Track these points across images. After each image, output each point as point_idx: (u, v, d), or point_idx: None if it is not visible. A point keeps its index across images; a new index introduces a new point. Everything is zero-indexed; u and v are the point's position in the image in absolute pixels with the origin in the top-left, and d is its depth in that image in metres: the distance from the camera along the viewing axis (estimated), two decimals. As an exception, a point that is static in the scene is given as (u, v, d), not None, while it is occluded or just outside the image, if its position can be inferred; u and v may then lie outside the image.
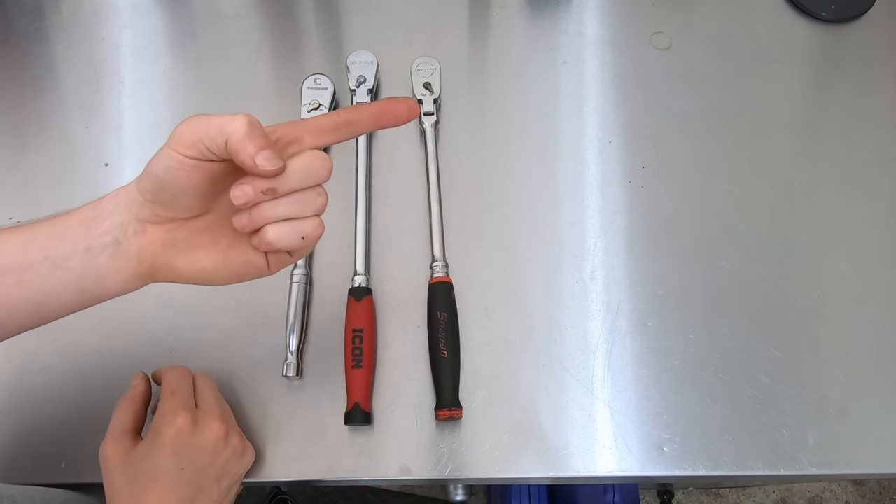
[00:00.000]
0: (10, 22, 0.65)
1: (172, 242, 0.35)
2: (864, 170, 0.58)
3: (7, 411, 0.48)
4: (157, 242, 0.35)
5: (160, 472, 0.39)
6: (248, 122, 0.31)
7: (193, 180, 0.33)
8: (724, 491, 1.25)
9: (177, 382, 0.43)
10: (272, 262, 0.37)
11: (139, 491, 0.38)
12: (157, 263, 0.35)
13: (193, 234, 0.35)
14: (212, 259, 0.35)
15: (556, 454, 0.46)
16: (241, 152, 0.30)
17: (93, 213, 0.34)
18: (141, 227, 0.34)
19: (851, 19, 0.65)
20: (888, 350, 0.51)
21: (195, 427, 0.41)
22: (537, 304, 0.52)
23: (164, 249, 0.35)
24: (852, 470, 0.47)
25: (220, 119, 0.31)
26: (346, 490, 1.04)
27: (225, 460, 0.42)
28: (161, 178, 0.33)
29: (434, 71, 0.58)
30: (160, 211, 0.34)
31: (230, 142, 0.31)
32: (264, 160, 0.31)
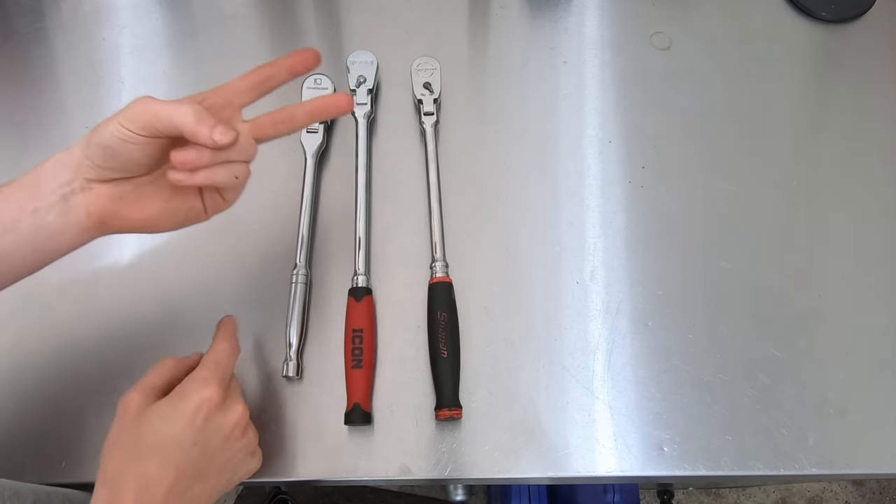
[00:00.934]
0: (10, 22, 0.65)
1: (119, 195, 0.38)
2: (865, 169, 0.58)
3: (7, 411, 0.48)
4: (104, 196, 0.37)
5: (170, 440, 0.37)
6: (193, 110, 0.35)
7: (145, 152, 0.36)
8: (724, 491, 1.25)
9: (223, 354, 0.42)
10: (208, 206, 0.41)
11: (140, 454, 0.36)
12: (106, 215, 0.38)
13: (139, 187, 0.38)
14: (157, 207, 0.39)
15: (556, 454, 0.46)
16: (199, 136, 0.35)
17: (35, 178, 0.37)
18: (87, 184, 0.37)
19: (851, 19, 0.65)
20: (888, 350, 0.51)
21: (222, 405, 0.40)
22: (537, 304, 0.52)
23: (111, 202, 0.38)
24: (852, 470, 0.47)
25: (166, 110, 0.35)
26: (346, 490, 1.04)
27: (234, 451, 0.40)
28: (113, 150, 0.36)
29: (434, 71, 0.58)
30: (108, 174, 0.37)
31: (185, 131, 0.35)
32: (220, 136, 0.35)
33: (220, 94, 0.39)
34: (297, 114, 0.41)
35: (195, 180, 0.36)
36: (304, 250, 0.52)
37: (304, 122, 0.42)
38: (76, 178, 0.37)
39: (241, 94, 0.40)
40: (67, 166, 0.37)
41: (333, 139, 0.59)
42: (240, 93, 0.40)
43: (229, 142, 0.35)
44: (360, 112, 0.57)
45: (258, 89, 0.40)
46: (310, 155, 0.56)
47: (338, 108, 0.43)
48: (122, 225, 0.39)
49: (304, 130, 0.56)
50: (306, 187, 0.54)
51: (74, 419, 0.48)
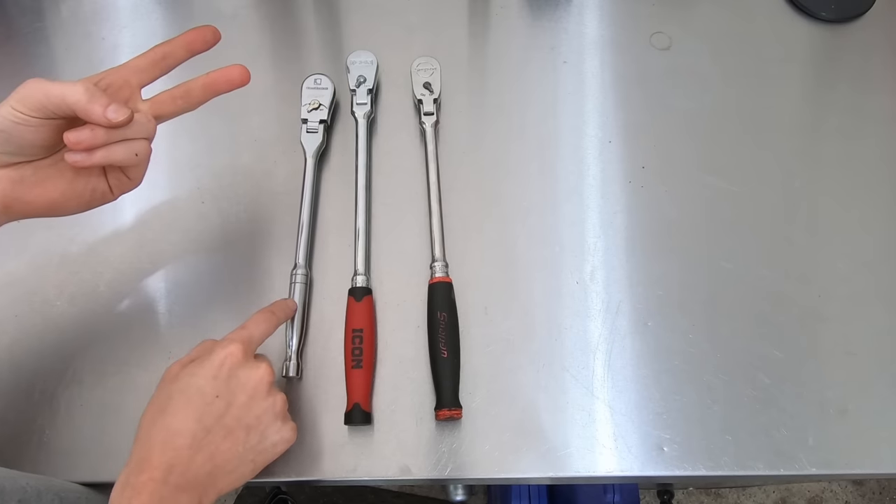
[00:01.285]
0: (10, 22, 0.65)
1: (20, 179, 0.38)
2: (865, 169, 0.58)
3: (7, 411, 0.48)
4: (4, 180, 0.37)
5: (194, 391, 0.38)
6: (85, 88, 0.35)
7: (40, 134, 0.36)
8: (724, 491, 1.25)
9: (253, 324, 0.43)
10: (113, 186, 0.41)
11: (168, 406, 0.38)
12: (8, 200, 0.38)
13: (40, 170, 0.38)
14: (60, 190, 0.39)
15: (556, 454, 0.46)
16: (92, 114, 0.35)
17: None
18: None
19: (851, 19, 0.65)
20: (888, 350, 0.51)
21: (245, 360, 0.40)
22: (537, 304, 0.52)
23: (12, 186, 0.38)
24: (852, 470, 0.47)
25: (57, 89, 0.35)
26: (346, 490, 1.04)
27: (262, 410, 0.40)
28: (7, 133, 0.36)
29: (434, 71, 0.58)
30: (6, 158, 0.37)
31: (77, 110, 0.35)
32: (114, 113, 0.35)
33: (117, 74, 0.39)
34: (193, 88, 0.42)
35: (93, 160, 0.37)
36: (304, 250, 0.52)
37: (201, 97, 0.42)
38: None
39: (139, 72, 0.40)
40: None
41: (333, 139, 0.59)
42: (138, 71, 0.40)
43: (124, 119, 0.36)
44: (360, 112, 0.57)
45: (156, 67, 0.40)
46: (310, 155, 0.56)
47: (230, 81, 0.42)
48: (27, 209, 0.39)
49: (304, 130, 0.56)
50: (306, 187, 0.54)
51: (74, 419, 0.48)
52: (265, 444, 0.40)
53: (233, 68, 0.42)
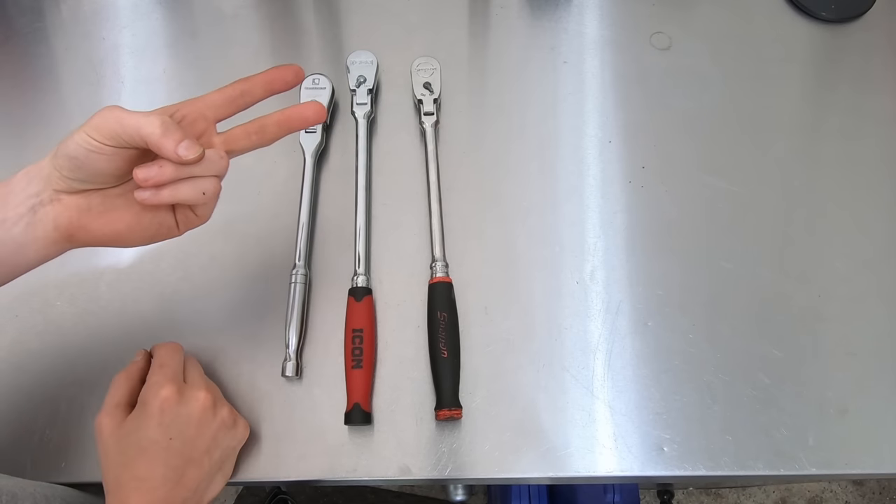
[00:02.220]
0: (10, 22, 0.65)
1: (87, 207, 0.37)
2: (865, 169, 0.58)
3: (7, 410, 0.48)
4: (72, 208, 0.37)
5: (149, 442, 0.40)
6: (161, 122, 0.34)
7: (113, 163, 0.36)
8: (724, 491, 1.25)
9: (167, 356, 0.44)
10: (180, 222, 0.40)
11: (128, 462, 0.39)
12: (73, 227, 0.37)
13: (108, 199, 0.38)
14: (125, 222, 0.38)
15: (556, 454, 0.46)
16: (163, 149, 0.34)
17: (5, 190, 0.36)
18: (56, 195, 0.37)
19: (851, 19, 0.65)
20: (888, 350, 0.51)
21: (181, 398, 0.41)
22: (537, 304, 0.52)
23: (79, 214, 0.37)
24: (852, 470, 0.47)
25: (132, 120, 0.34)
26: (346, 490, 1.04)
27: (214, 431, 0.42)
28: (80, 161, 0.35)
29: (434, 71, 0.58)
30: (77, 185, 0.37)
31: (150, 143, 0.34)
32: (185, 150, 0.34)
33: (193, 106, 0.38)
34: (267, 124, 0.41)
35: (160, 199, 0.36)
36: (304, 250, 0.52)
37: (276, 133, 0.41)
38: (45, 189, 0.36)
39: (215, 108, 0.39)
40: (37, 177, 0.36)
41: (333, 139, 0.59)
42: (214, 107, 0.39)
43: (194, 157, 0.35)
44: (360, 112, 0.57)
45: (234, 104, 0.39)
46: (309, 155, 0.56)
47: (305, 119, 0.42)
48: (91, 238, 0.38)
49: (303, 130, 0.56)
50: (306, 187, 0.54)
51: (74, 419, 0.48)
52: (227, 453, 0.44)
53: (308, 106, 0.41)
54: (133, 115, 0.34)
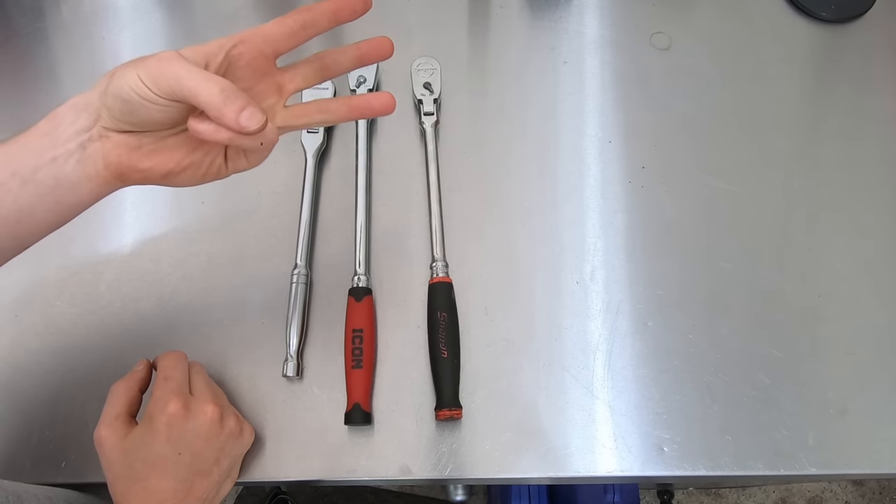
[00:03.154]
0: (10, 22, 0.65)
1: (138, 145, 0.35)
2: (865, 170, 0.58)
3: (7, 411, 0.48)
4: (122, 146, 0.34)
5: (157, 458, 0.39)
6: (220, 89, 0.31)
7: (167, 114, 0.33)
8: (724, 491, 1.25)
9: (171, 368, 0.43)
10: (230, 163, 0.38)
11: (138, 476, 0.39)
12: (124, 167, 0.35)
13: (159, 139, 0.35)
14: (176, 160, 0.35)
15: (556, 454, 0.46)
16: (223, 118, 0.31)
17: (52, 125, 0.34)
18: (105, 132, 0.34)
19: (851, 19, 0.65)
20: (888, 350, 0.51)
21: (188, 413, 0.41)
22: (537, 304, 0.52)
23: (129, 152, 0.35)
24: (852, 470, 0.47)
25: (191, 82, 0.31)
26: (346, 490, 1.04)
27: (222, 443, 0.42)
28: (132, 106, 0.32)
29: (434, 71, 0.58)
30: (126, 127, 0.34)
31: (208, 112, 0.31)
32: (247, 121, 0.31)
33: (251, 42, 0.35)
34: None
35: (219, 136, 0.33)
36: (304, 250, 0.52)
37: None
38: (92, 125, 0.34)
39: (274, 42, 0.35)
40: (85, 111, 0.34)
41: (334, 139, 0.59)
42: (273, 41, 0.35)
43: (257, 128, 0.32)
44: (360, 112, 0.57)
45: (295, 38, 0.36)
46: (310, 155, 0.56)
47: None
48: (141, 177, 0.36)
49: (305, 130, 0.56)
50: (306, 187, 0.54)
51: (74, 419, 0.48)
52: (234, 461, 0.44)
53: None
54: (191, 76, 0.31)
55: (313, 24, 0.36)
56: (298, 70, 0.38)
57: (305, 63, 0.38)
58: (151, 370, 0.45)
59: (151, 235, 0.54)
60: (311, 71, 0.38)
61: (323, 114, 0.38)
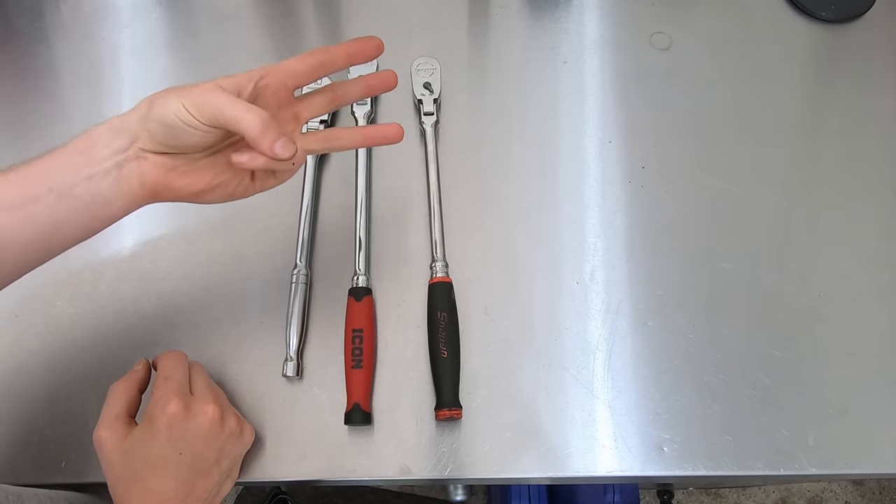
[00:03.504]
0: (10, 22, 0.65)
1: (172, 166, 0.37)
2: (865, 169, 0.58)
3: (7, 411, 0.48)
4: (158, 166, 0.37)
5: (158, 458, 0.39)
6: (261, 119, 0.34)
7: (205, 140, 0.36)
8: (724, 491, 1.25)
9: (171, 368, 0.43)
10: (258, 182, 0.41)
11: (138, 476, 0.39)
12: (158, 185, 0.37)
13: (192, 161, 0.38)
14: (206, 180, 0.38)
15: (556, 454, 0.46)
16: (260, 146, 0.34)
17: (88, 144, 0.36)
18: (141, 153, 0.37)
19: (851, 19, 0.65)
20: (888, 350, 0.51)
21: (188, 413, 0.41)
22: (537, 304, 0.52)
23: (165, 173, 0.37)
24: (852, 470, 0.47)
25: (233, 111, 0.34)
26: (346, 490, 1.04)
27: (223, 442, 0.42)
28: (175, 130, 0.35)
29: (434, 71, 0.58)
30: (164, 149, 0.37)
31: (248, 138, 0.34)
32: (281, 149, 0.35)
33: (277, 76, 0.38)
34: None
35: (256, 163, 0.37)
36: (304, 250, 0.52)
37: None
38: (131, 145, 0.36)
39: (295, 77, 0.39)
40: (122, 133, 0.36)
41: (333, 139, 0.59)
42: (294, 76, 0.39)
43: (289, 156, 0.35)
44: (360, 112, 0.57)
45: (314, 74, 0.39)
46: (310, 155, 0.56)
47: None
48: (174, 195, 0.39)
49: (305, 130, 0.56)
50: (306, 187, 0.54)
51: (74, 419, 0.48)
52: (235, 460, 0.44)
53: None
54: (232, 107, 0.34)
55: (331, 63, 0.39)
56: (313, 100, 0.41)
57: (320, 94, 0.42)
58: (150, 370, 0.45)
59: (151, 235, 0.54)
60: (324, 101, 0.42)
61: (338, 141, 0.42)
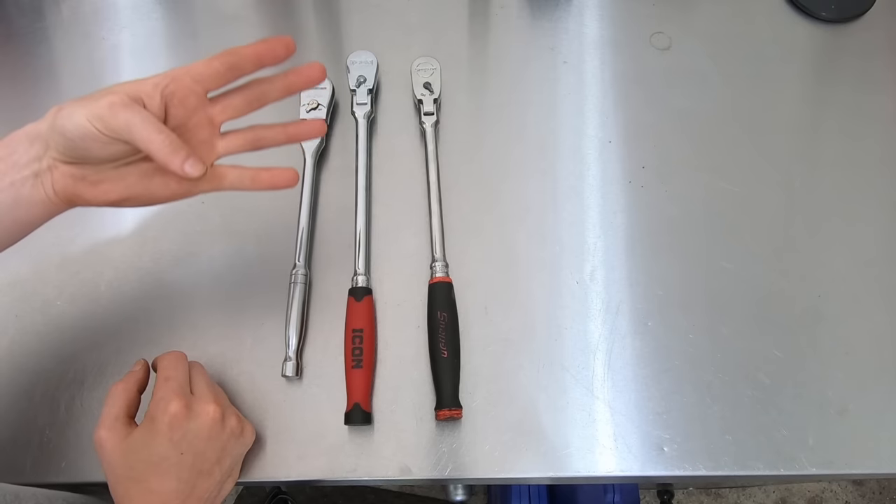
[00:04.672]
0: (10, 22, 0.65)
1: (81, 176, 0.37)
2: (865, 170, 0.58)
3: (7, 411, 0.48)
4: (66, 176, 0.37)
5: (159, 458, 0.39)
6: (170, 142, 0.35)
7: (111, 152, 0.36)
8: (724, 491, 1.25)
9: (171, 368, 0.43)
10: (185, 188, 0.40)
11: (140, 477, 0.39)
12: (69, 194, 0.38)
13: (101, 171, 0.38)
14: (118, 192, 0.38)
15: (556, 454, 0.46)
16: (170, 166, 0.35)
17: (8, 151, 0.36)
18: (53, 162, 0.37)
19: (851, 19, 0.65)
20: (888, 350, 0.51)
21: (190, 413, 0.41)
22: (537, 304, 0.52)
23: (73, 182, 0.37)
24: (852, 470, 0.47)
25: (141, 132, 0.34)
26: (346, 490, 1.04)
27: (224, 442, 0.42)
28: (75, 143, 0.35)
29: (434, 71, 0.58)
30: (70, 159, 0.37)
31: (155, 159, 0.35)
32: (191, 169, 0.35)
33: (181, 82, 0.37)
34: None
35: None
36: (304, 250, 0.52)
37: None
38: (44, 154, 0.36)
39: (202, 81, 0.38)
40: (37, 140, 0.36)
41: (333, 139, 0.59)
42: (202, 80, 0.38)
43: (198, 175, 0.36)
44: (360, 112, 0.57)
45: (222, 78, 0.38)
46: (309, 155, 0.56)
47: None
48: (88, 204, 0.38)
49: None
50: (306, 187, 0.54)
51: (74, 419, 0.48)
52: (236, 460, 0.44)
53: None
54: (144, 126, 0.34)
55: (238, 66, 0.38)
56: (228, 102, 0.40)
57: (234, 94, 0.40)
58: (149, 370, 0.45)
59: (151, 235, 0.54)
60: (240, 102, 0.40)
61: (261, 140, 0.41)
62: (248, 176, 0.41)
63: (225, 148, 0.40)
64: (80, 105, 0.34)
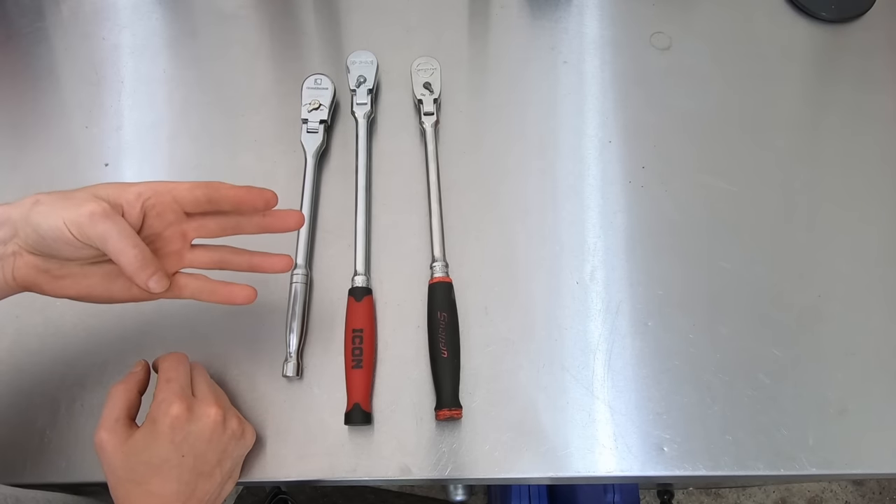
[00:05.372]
0: (10, 22, 0.65)
1: (45, 269, 0.38)
2: (865, 169, 0.58)
3: (7, 411, 0.48)
4: (30, 266, 0.37)
5: (161, 460, 0.39)
6: (143, 258, 0.37)
7: (78, 253, 0.37)
8: (724, 491, 1.25)
9: (173, 369, 0.43)
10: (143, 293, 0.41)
11: (140, 479, 0.39)
12: (28, 282, 0.38)
13: (65, 267, 0.38)
14: (77, 289, 0.39)
15: (556, 454, 0.46)
16: (136, 279, 0.37)
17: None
18: (18, 249, 0.37)
19: (851, 19, 0.65)
20: (888, 350, 0.51)
21: (191, 415, 0.41)
22: (537, 304, 0.52)
23: (35, 273, 0.38)
24: (852, 470, 0.47)
25: (117, 244, 0.36)
26: (346, 490, 1.04)
27: (225, 444, 0.42)
28: (45, 241, 0.36)
29: (434, 71, 0.58)
30: (36, 251, 0.37)
31: (124, 270, 0.37)
32: (155, 285, 0.38)
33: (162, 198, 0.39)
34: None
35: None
36: (304, 250, 0.52)
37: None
38: (11, 238, 0.37)
39: (183, 202, 0.40)
40: (6, 223, 0.36)
41: (333, 139, 0.59)
42: (183, 201, 0.40)
43: (161, 291, 0.39)
44: (361, 112, 0.57)
45: (200, 207, 0.40)
46: (310, 155, 0.56)
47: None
48: (47, 293, 0.39)
49: (305, 130, 0.56)
50: (306, 187, 0.54)
51: (74, 419, 0.48)
52: (236, 461, 0.44)
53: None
54: (120, 239, 0.36)
55: (217, 203, 0.40)
56: (203, 223, 0.42)
57: (211, 219, 0.42)
58: (150, 371, 0.45)
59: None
60: (214, 227, 0.42)
61: (226, 264, 0.43)
62: (207, 289, 0.42)
63: (191, 262, 0.42)
64: (59, 206, 0.35)
